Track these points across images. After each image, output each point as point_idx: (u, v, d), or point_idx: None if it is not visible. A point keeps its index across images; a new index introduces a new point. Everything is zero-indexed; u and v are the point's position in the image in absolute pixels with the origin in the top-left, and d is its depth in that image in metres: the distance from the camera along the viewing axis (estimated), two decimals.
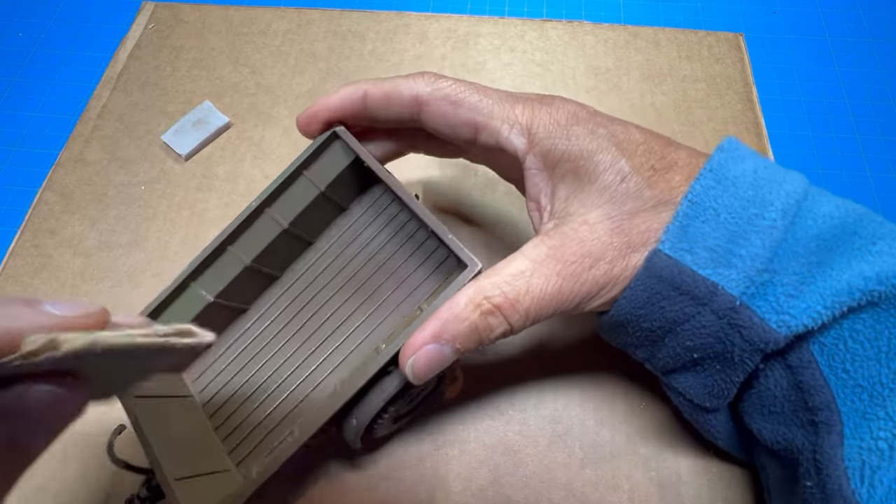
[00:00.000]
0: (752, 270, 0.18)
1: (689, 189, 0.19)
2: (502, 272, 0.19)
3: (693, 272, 0.18)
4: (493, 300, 0.19)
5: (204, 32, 0.42)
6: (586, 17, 0.47)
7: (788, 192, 0.18)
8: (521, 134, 0.21)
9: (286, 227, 0.24)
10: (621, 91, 0.39)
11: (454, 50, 0.41)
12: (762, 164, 0.19)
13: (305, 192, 0.24)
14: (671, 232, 0.19)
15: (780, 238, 0.18)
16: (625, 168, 0.19)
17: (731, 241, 0.18)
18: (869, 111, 0.43)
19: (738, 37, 0.41)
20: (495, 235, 0.33)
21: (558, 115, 0.21)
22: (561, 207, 0.20)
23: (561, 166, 0.20)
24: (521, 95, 0.22)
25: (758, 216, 0.18)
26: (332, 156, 0.24)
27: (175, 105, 0.39)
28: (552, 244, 0.19)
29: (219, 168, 0.36)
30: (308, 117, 0.23)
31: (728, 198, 0.18)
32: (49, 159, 0.38)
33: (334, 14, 0.43)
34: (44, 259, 0.33)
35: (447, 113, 0.21)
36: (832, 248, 0.18)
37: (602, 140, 0.20)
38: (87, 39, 0.48)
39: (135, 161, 0.37)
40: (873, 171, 0.41)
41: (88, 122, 0.38)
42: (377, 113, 0.23)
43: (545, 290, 0.19)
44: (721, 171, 0.19)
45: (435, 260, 0.25)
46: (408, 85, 0.22)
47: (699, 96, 0.38)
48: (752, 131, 0.37)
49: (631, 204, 0.19)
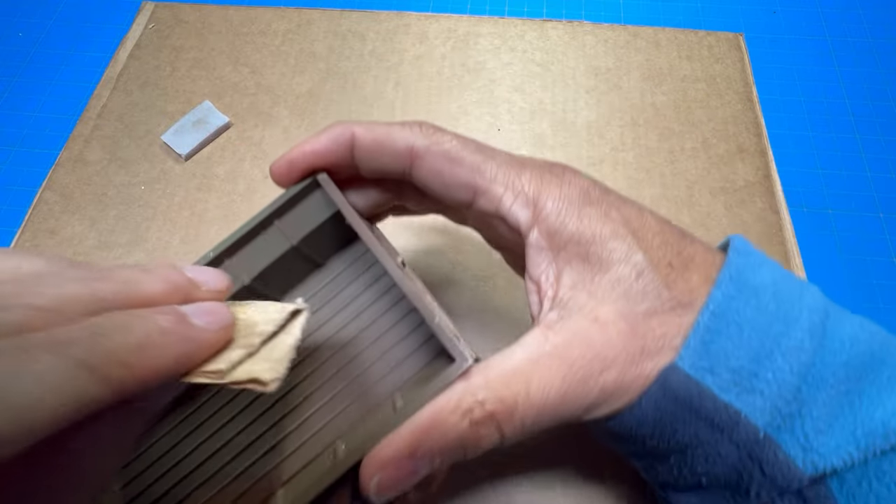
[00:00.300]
0: (780, 399, 0.16)
1: (710, 297, 0.17)
2: (497, 369, 0.17)
3: (714, 396, 0.16)
4: (486, 406, 0.16)
5: (204, 32, 0.42)
6: (586, 17, 0.47)
7: (812, 309, 0.17)
8: (525, 205, 0.19)
9: (247, 284, 0.21)
10: (621, 91, 0.39)
11: (454, 50, 0.41)
12: (779, 274, 0.18)
13: (275, 244, 0.21)
14: (691, 347, 0.17)
15: (809, 362, 0.16)
16: (641, 262, 0.17)
17: (756, 362, 0.16)
18: (869, 111, 0.43)
19: (738, 37, 0.41)
20: (490, 300, 0.31)
21: (570, 191, 0.19)
22: (566, 295, 0.18)
23: (569, 248, 0.18)
24: (527, 161, 0.20)
25: (783, 334, 0.16)
26: (311, 206, 0.21)
27: (175, 105, 0.39)
28: (557, 341, 0.17)
29: (219, 168, 0.36)
30: (287, 164, 0.20)
31: (750, 311, 0.17)
32: (49, 159, 0.38)
33: (334, 14, 0.43)
34: None
35: (444, 171, 0.19)
36: (861, 376, 0.16)
37: (617, 225, 0.18)
38: (87, 39, 0.48)
39: (135, 161, 0.37)
40: (873, 171, 0.41)
41: (88, 122, 0.38)
42: (365, 162, 0.20)
43: (547, 396, 0.16)
44: (741, 278, 0.17)
45: (423, 333, 0.21)
46: (403, 134, 0.20)
47: (699, 96, 0.38)
48: (752, 131, 0.37)
49: (647, 304, 0.17)
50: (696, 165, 0.36)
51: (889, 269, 0.38)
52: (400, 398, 0.19)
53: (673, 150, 0.37)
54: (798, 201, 0.40)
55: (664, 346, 0.17)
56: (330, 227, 0.21)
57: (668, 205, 0.35)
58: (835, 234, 0.39)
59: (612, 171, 0.36)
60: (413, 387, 0.20)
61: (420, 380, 0.20)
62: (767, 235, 0.33)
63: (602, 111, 0.38)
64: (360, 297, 0.22)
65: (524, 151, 0.37)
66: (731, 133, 0.37)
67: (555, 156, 0.37)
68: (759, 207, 0.34)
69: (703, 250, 0.19)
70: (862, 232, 0.39)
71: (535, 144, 0.37)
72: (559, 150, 0.37)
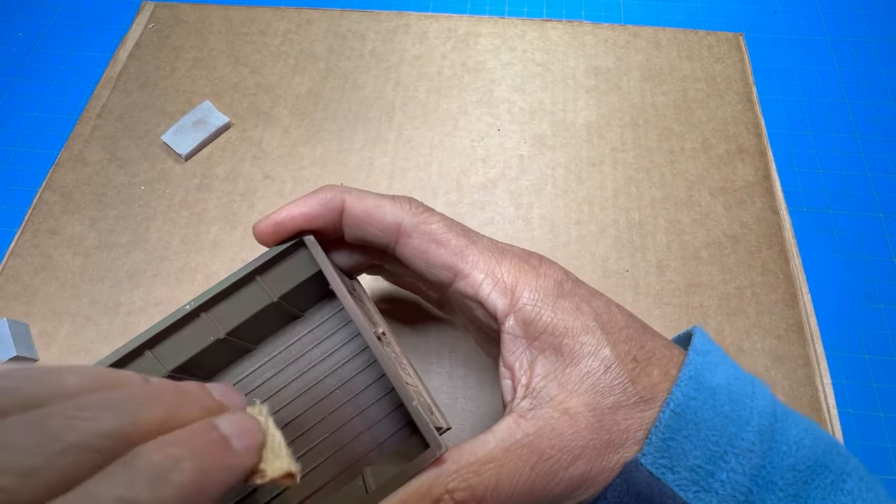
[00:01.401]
0: (733, 500, 0.17)
1: (671, 396, 0.18)
2: (469, 457, 0.17)
3: (674, 494, 0.17)
4: (455, 496, 0.16)
5: (204, 32, 0.42)
6: (586, 17, 0.47)
7: (761, 412, 0.18)
8: (503, 294, 0.20)
9: (222, 338, 0.20)
10: (621, 91, 0.39)
11: (454, 50, 0.41)
12: (732, 374, 0.19)
13: (255, 299, 0.21)
14: (653, 444, 0.18)
15: (759, 464, 0.17)
16: (609, 357, 0.19)
17: (712, 462, 0.17)
18: (869, 111, 0.43)
19: (738, 37, 0.41)
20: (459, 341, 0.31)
21: (545, 283, 0.20)
22: (539, 385, 0.19)
23: (542, 339, 0.19)
24: (507, 249, 0.21)
25: (736, 436, 0.18)
26: (294, 264, 0.21)
27: (175, 105, 0.39)
28: (528, 430, 0.18)
29: (219, 168, 0.36)
30: (273, 226, 0.20)
31: (707, 411, 0.18)
32: (49, 159, 0.38)
33: (334, 14, 0.43)
34: (44, 259, 0.33)
35: (428, 251, 0.20)
36: (807, 480, 0.18)
37: (587, 318, 0.19)
38: (87, 39, 0.48)
39: (135, 161, 0.37)
40: (873, 171, 0.41)
41: (88, 122, 0.38)
42: (352, 230, 0.21)
43: (515, 486, 0.17)
44: (700, 378, 0.18)
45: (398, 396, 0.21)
46: (392, 210, 0.20)
47: (699, 96, 0.38)
48: (752, 131, 0.37)
49: (613, 398, 0.18)
50: (695, 165, 0.36)
51: (889, 269, 0.38)
52: (370, 476, 0.19)
53: (673, 150, 0.37)
54: (798, 201, 0.40)
55: (628, 440, 0.18)
56: (311, 284, 0.21)
57: (667, 205, 0.35)
58: (834, 234, 0.39)
59: (612, 171, 0.36)
60: (387, 460, 0.20)
61: (393, 454, 0.20)
62: (767, 236, 0.33)
63: (602, 111, 0.38)
64: (339, 351, 0.22)
65: (524, 152, 0.37)
66: (730, 133, 0.37)
67: (555, 156, 0.37)
68: (759, 207, 0.34)
69: (662, 345, 0.20)
70: (862, 232, 0.39)
71: (534, 144, 0.37)
72: (559, 150, 0.37)
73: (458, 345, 0.30)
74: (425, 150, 0.37)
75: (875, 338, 0.37)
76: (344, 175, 0.36)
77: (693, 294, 0.32)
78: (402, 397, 0.17)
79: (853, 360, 0.36)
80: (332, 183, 0.36)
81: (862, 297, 0.37)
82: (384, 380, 0.22)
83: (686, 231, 0.34)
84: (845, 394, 0.35)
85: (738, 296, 0.32)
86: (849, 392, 0.35)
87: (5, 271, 0.33)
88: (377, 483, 0.17)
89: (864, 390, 0.35)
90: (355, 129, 0.38)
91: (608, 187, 0.35)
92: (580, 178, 0.36)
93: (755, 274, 0.32)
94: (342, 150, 0.37)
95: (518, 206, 0.35)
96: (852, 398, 0.35)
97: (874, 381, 0.36)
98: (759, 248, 0.33)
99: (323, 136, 0.38)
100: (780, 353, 0.30)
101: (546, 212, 0.35)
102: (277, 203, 0.35)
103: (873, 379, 0.36)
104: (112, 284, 0.32)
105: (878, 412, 0.35)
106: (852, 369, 0.36)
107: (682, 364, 0.19)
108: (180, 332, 0.20)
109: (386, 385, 0.22)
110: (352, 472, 0.20)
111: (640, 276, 0.32)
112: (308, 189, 0.36)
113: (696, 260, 0.33)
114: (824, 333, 0.32)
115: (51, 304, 0.32)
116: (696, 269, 0.33)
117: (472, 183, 0.36)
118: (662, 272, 0.32)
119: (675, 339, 0.22)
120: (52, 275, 0.33)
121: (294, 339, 0.22)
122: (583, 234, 0.34)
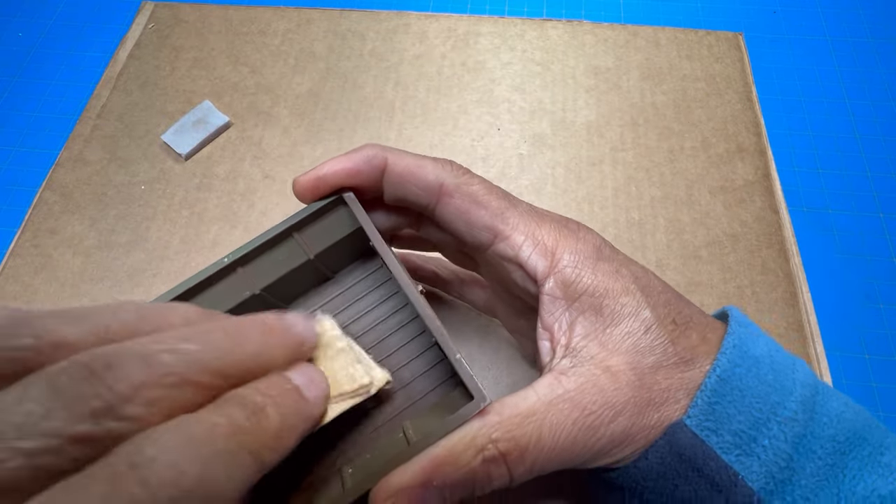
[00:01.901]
0: (774, 466, 0.17)
1: (717, 363, 0.18)
2: (512, 410, 0.17)
3: (717, 456, 0.17)
4: (499, 446, 0.17)
5: (204, 32, 0.42)
6: (586, 17, 0.47)
7: (803, 383, 0.18)
8: (543, 255, 0.20)
9: (257, 294, 0.20)
10: (621, 90, 0.39)
11: (454, 49, 0.41)
12: (773, 347, 0.20)
13: (291, 256, 0.21)
14: (699, 407, 0.18)
15: (801, 433, 0.18)
16: (649, 318, 0.19)
17: (755, 428, 0.18)
18: (869, 111, 0.43)
19: (737, 36, 0.41)
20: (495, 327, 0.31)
21: (585, 247, 0.20)
22: (579, 345, 0.19)
23: (582, 300, 0.19)
24: (546, 214, 0.21)
25: (779, 405, 0.18)
26: (332, 222, 0.21)
27: (175, 105, 0.39)
28: (570, 386, 0.18)
29: (219, 168, 0.36)
30: (314, 180, 0.20)
31: (752, 379, 0.18)
32: (49, 159, 0.38)
33: (334, 14, 0.43)
34: (44, 259, 0.33)
35: (469, 211, 0.20)
36: (845, 451, 0.18)
37: (627, 282, 0.19)
38: (87, 39, 0.48)
39: (135, 161, 0.37)
40: (873, 171, 0.41)
41: (88, 121, 0.38)
42: (393, 188, 0.21)
43: (557, 440, 0.17)
44: (743, 347, 0.19)
45: (433, 355, 0.21)
46: (434, 170, 0.20)
47: (699, 95, 0.38)
48: (752, 131, 0.37)
49: (654, 358, 0.18)
50: (695, 165, 0.36)
51: (889, 269, 0.38)
52: (411, 428, 0.19)
53: (672, 150, 0.37)
54: (797, 201, 0.40)
55: (668, 399, 0.18)
56: (346, 243, 0.21)
57: (667, 204, 0.35)
58: (834, 233, 0.39)
59: (612, 171, 0.36)
60: (424, 416, 0.20)
61: (431, 409, 0.20)
62: (766, 235, 0.33)
63: (602, 111, 0.38)
64: (372, 312, 0.22)
65: (523, 151, 0.37)
66: (730, 132, 0.37)
67: (555, 155, 0.37)
68: (759, 207, 0.34)
69: (697, 312, 0.20)
70: (862, 232, 0.39)
71: (534, 144, 0.37)
72: (559, 150, 0.37)
73: (457, 340, 0.31)
74: (425, 149, 0.37)
75: (875, 338, 0.37)
76: None
77: (693, 293, 0.32)
78: (446, 351, 0.18)
79: (853, 360, 0.36)
80: None
81: (862, 297, 0.37)
82: (417, 340, 0.21)
83: (686, 230, 0.34)
84: (845, 393, 0.35)
85: (738, 295, 0.32)
86: (849, 392, 0.35)
87: (5, 271, 0.33)
88: (418, 435, 0.17)
89: (864, 390, 0.35)
90: (355, 128, 0.38)
91: (608, 186, 0.35)
92: (580, 178, 0.36)
93: (755, 273, 0.32)
94: (342, 149, 0.37)
95: None
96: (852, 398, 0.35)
97: (874, 381, 0.36)
98: (758, 247, 0.33)
99: (323, 135, 0.38)
100: None
101: None
102: (278, 202, 0.35)
103: (873, 379, 0.36)
104: (112, 284, 0.32)
105: (878, 412, 0.35)
106: (852, 369, 0.36)
107: (723, 333, 0.19)
108: (216, 285, 0.20)
109: (420, 345, 0.21)
110: (388, 429, 0.20)
111: None
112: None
113: (695, 259, 0.33)
114: (824, 333, 0.32)
115: (51, 304, 0.32)
116: (695, 268, 0.33)
117: None
118: (662, 271, 0.32)
119: None
120: (53, 275, 0.33)
121: (326, 300, 0.22)
122: None
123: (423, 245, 0.26)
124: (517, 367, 0.30)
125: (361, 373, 0.17)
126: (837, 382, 0.35)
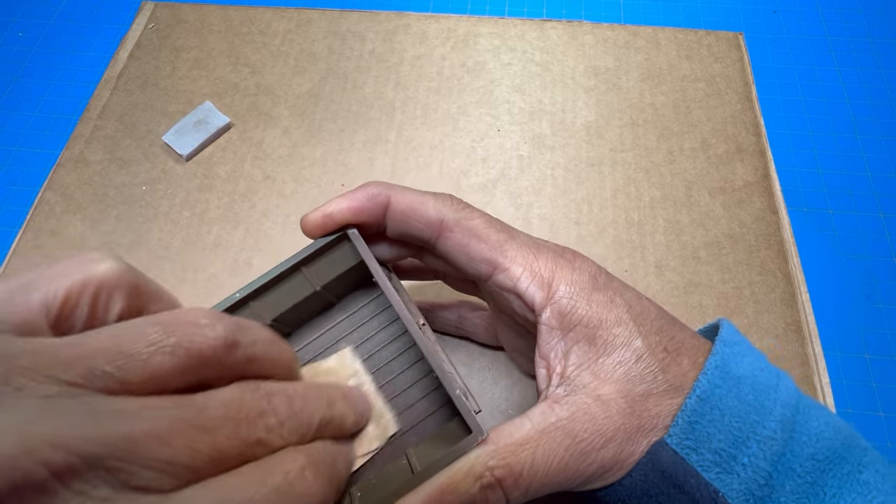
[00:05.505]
0: (754, 483, 0.18)
1: (697, 383, 0.19)
2: (506, 439, 0.18)
3: (697, 474, 0.18)
4: (495, 472, 0.18)
5: (204, 32, 0.42)
6: (586, 17, 0.47)
7: (784, 403, 0.19)
8: (541, 287, 0.21)
9: (268, 323, 0.22)
10: (621, 91, 0.39)
11: (454, 50, 0.41)
12: (758, 365, 0.20)
13: (298, 288, 0.22)
14: (679, 426, 0.18)
15: (780, 451, 0.18)
16: (640, 347, 0.20)
17: (734, 447, 0.18)
18: (869, 111, 0.43)
19: (737, 36, 0.41)
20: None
21: (580, 277, 0.21)
22: (573, 374, 0.20)
23: (577, 330, 0.20)
24: (543, 244, 0.22)
25: (759, 424, 0.18)
26: (337, 256, 0.22)
27: (175, 105, 0.39)
28: (563, 415, 0.19)
29: (220, 168, 0.36)
30: (322, 218, 0.21)
31: (732, 399, 0.19)
32: (50, 159, 0.38)
33: (334, 14, 0.43)
34: (45, 259, 0.33)
35: (469, 244, 0.21)
36: (825, 469, 0.19)
37: (620, 311, 0.20)
38: (87, 39, 0.48)
39: (136, 161, 0.37)
40: (873, 171, 0.41)
41: (89, 122, 0.38)
42: (396, 225, 0.22)
43: (550, 466, 0.18)
44: (725, 368, 0.19)
45: (432, 381, 0.22)
46: (435, 206, 0.21)
47: (698, 96, 0.39)
48: (752, 131, 0.37)
49: (644, 386, 0.19)
50: (694, 165, 0.36)
51: (889, 269, 0.38)
52: (414, 456, 0.20)
53: (672, 150, 0.37)
54: (797, 201, 0.40)
55: (657, 426, 0.19)
56: (350, 274, 0.23)
57: (666, 205, 0.35)
58: (834, 234, 0.39)
59: (612, 171, 0.36)
60: (425, 443, 0.21)
61: (432, 437, 0.21)
62: (766, 235, 0.33)
63: (601, 111, 0.38)
64: (374, 337, 0.23)
65: (523, 152, 0.37)
66: (730, 133, 0.37)
67: (554, 156, 0.37)
68: (758, 207, 0.34)
69: (690, 336, 0.21)
70: (862, 232, 0.39)
71: (534, 145, 0.37)
72: (558, 151, 0.37)
73: (459, 344, 0.31)
74: (425, 150, 0.37)
75: (875, 338, 0.37)
76: (344, 175, 0.36)
77: (692, 294, 0.32)
78: (446, 386, 0.19)
79: (853, 360, 0.36)
80: (332, 182, 0.36)
81: (862, 297, 0.37)
82: (418, 366, 0.23)
83: (685, 231, 0.34)
84: (845, 393, 0.35)
85: (737, 295, 0.32)
86: (848, 392, 0.35)
87: (7, 272, 0.33)
88: (423, 464, 0.19)
89: (863, 390, 0.35)
90: (355, 129, 0.38)
91: (607, 187, 0.35)
92: (579, 179, 0.36)
93: (754, 273, 0.32)
94: (342, 150, 0.37)
95: (518, 207, 0.35)
96: (852, 398, 0.35)
97: (874, 381, 0.36)
98: (757, 247, 0.33)
99: (323, 136, 0.38)
100: (779, 353, 0.30)
101: (545, 212, 0.35)
102: (278, 203, 0.35)
103: (873, 379, 0.36)
104: None
105: (878, 412, 0.35)
106: (852, 369, 0.36)
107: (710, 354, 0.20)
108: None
109: (419, 371, 0.23)
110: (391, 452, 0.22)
111: (639, 275, 0.32)
112: (309, 189, 0.36)
113: (694, 259, 0.33)
114: (823, 333, 0.32)
115: None
116: (694, 269, 0.33)
117: (471, 183, 0.36)
118: (661, 272, 0.33)
119: (700, 330, 0.22)
120: None
121: (331, 325, 0.23)
122: (582, 235, 0.34)
123: (425, 274, 0.27)
124: (517, 368, 0.30)
125: (382, 428, 0.20)
126: (837, 382, 0.35)
